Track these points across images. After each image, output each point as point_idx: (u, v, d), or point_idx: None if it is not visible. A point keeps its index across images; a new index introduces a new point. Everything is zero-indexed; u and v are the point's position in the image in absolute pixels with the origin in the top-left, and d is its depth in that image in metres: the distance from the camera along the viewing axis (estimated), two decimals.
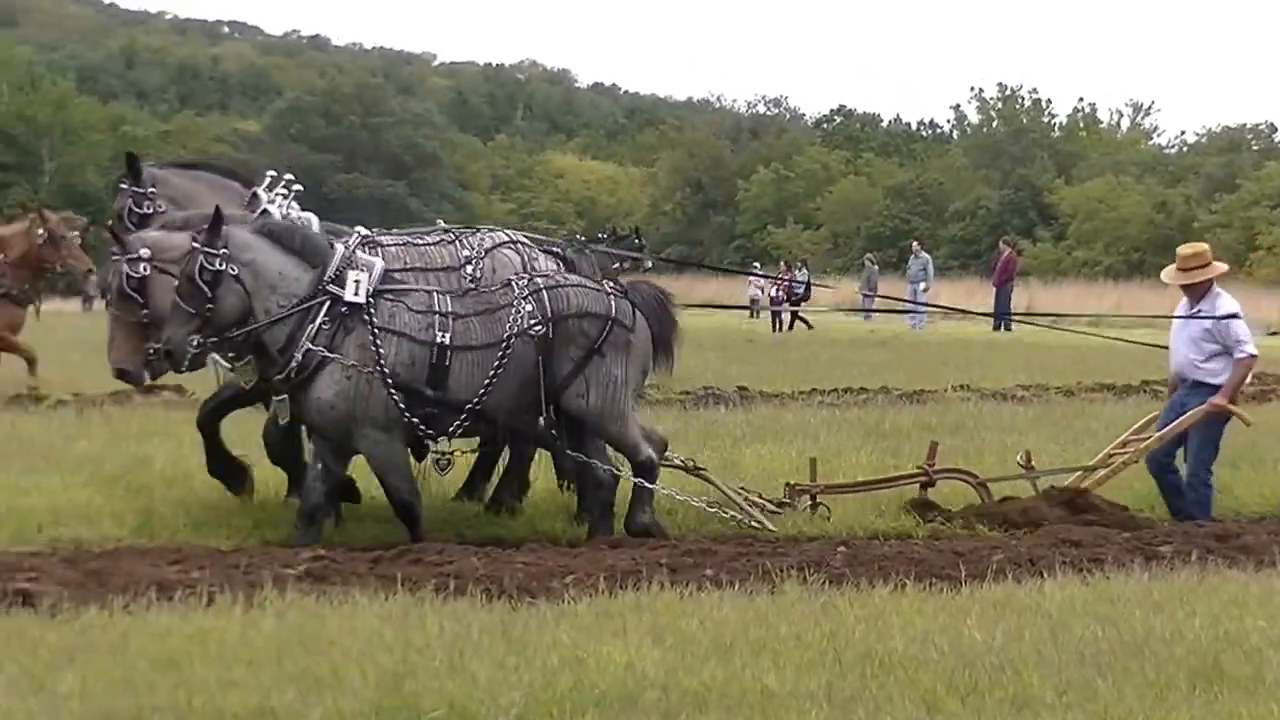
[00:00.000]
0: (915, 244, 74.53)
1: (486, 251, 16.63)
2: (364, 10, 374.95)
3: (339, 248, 15.68)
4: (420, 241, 16.84)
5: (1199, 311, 17.72)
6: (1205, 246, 18.51)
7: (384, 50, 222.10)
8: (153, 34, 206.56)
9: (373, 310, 15.32)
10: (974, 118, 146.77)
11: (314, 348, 15.18)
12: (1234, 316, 17.48)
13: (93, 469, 18.70)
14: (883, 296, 61.19)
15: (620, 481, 16.28)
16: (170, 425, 22.08)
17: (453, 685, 9.99)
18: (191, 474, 16.95)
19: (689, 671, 10.38)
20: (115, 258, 15.79)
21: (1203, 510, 17.66)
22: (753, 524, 16.54)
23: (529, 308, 15.62)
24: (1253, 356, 17.47)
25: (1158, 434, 17.78)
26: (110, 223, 16.80)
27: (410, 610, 12.04)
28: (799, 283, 72.62)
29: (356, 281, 15.30)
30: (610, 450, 16.42)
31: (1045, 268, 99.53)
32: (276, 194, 16.98)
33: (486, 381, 15.48)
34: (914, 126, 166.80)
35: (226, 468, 17.06)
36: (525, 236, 17.69)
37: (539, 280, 15.99)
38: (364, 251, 15.94)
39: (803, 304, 69.20)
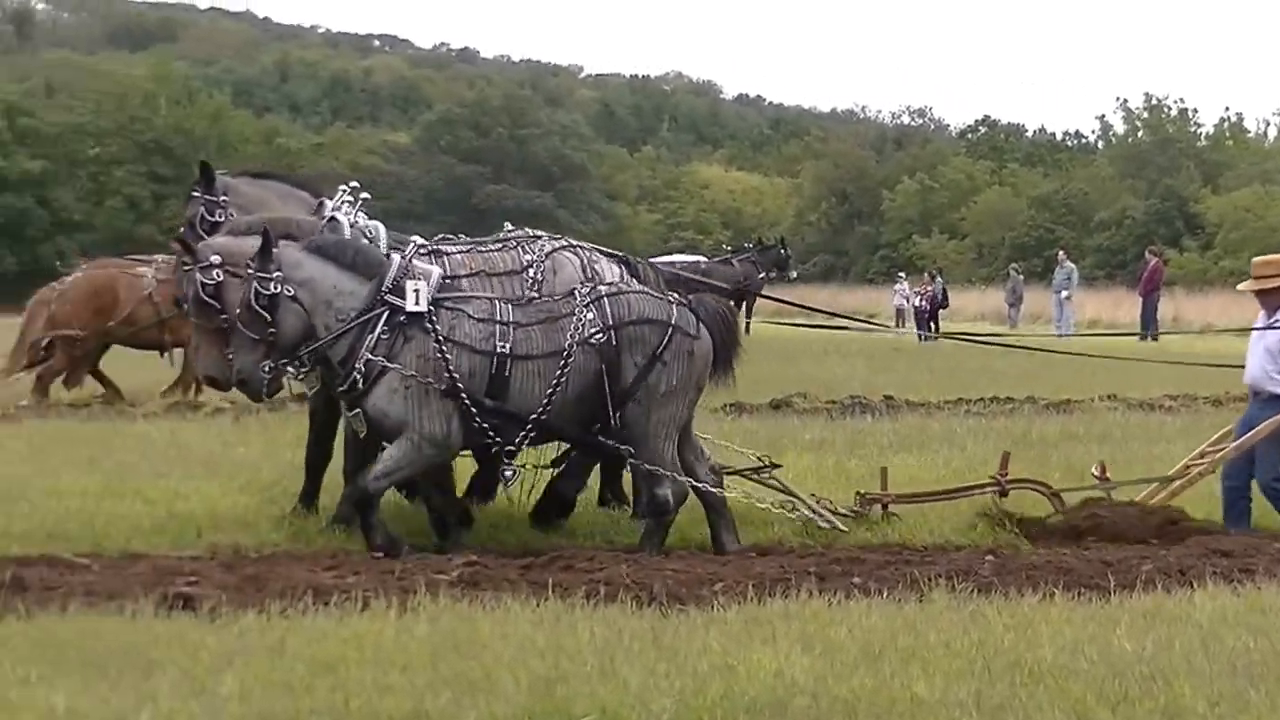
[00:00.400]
0: (1061, 253, 74.01)
1: (546, 256, 16.59)
2: (512, 23, 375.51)
3: (395, 258, 15.70)
4: (483, 248, 16.81)
5: (1276, 322, 17.58)
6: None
7: (532, 62, 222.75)
8: (306, 48, 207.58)
9: (434, 319, 15.30)
10: (1119, 128, 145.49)
11: (374, 358, 15.18)
12: None
13: (250, 475, 18.86)
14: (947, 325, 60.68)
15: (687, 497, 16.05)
16: None
17: (604, 691, 10.02)
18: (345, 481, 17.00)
19: (838, 679, 10.37)
20: (187, 267, 15.85)
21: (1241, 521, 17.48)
22: (823, 524, 16.48)
23: (590, 315, 15.55)
24: None
25: (1233, 445, 17.62)
26: (181, 230, 16.81)
27: (562, 616, 12.07)
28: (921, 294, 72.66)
29: (415, 291, 15.28)
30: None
31: (1191, 277, 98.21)
32: (343, 202, 16.95)
33: (550, 391, 15.41)
34: (1059, 137, 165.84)
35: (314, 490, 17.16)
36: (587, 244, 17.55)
37: (601, 288, 15.92)
38: (423, 261, 16.02)
39: (940, 312, 69.05)
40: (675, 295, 16.27)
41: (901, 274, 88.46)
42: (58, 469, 19.34)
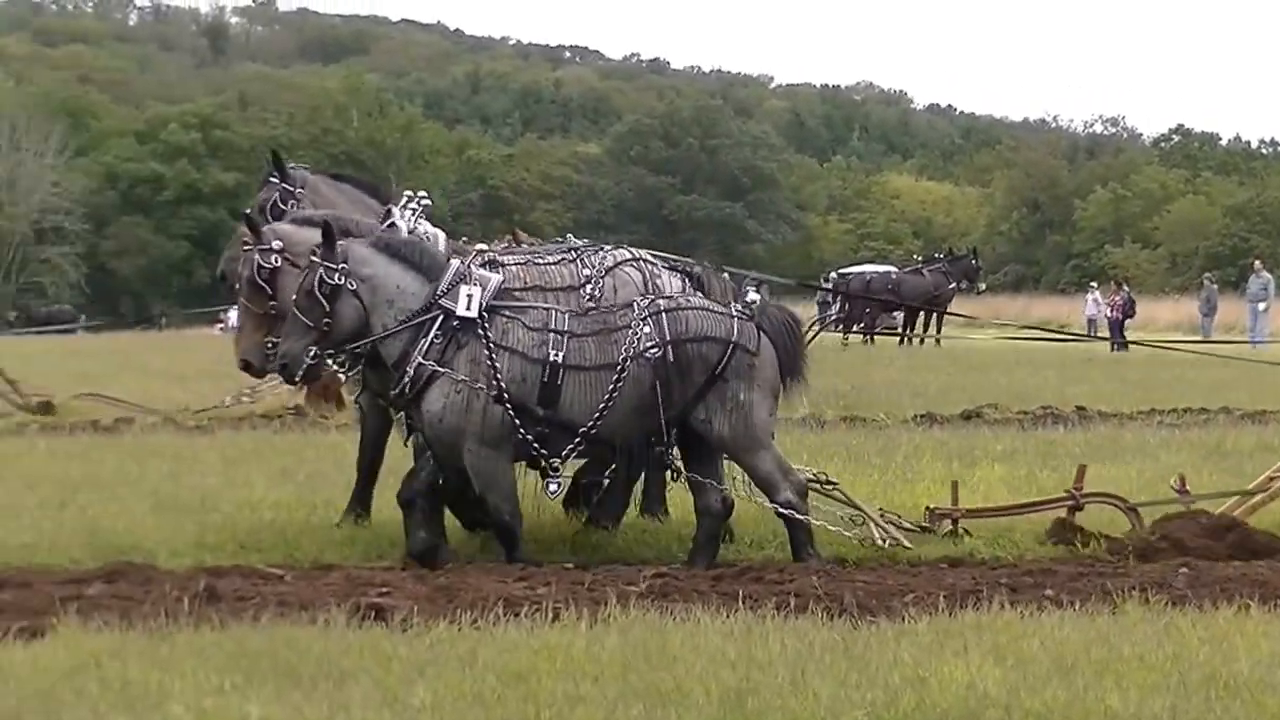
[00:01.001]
0: (1256, 262, 73.45)
1: (607, 270, 16.54)
2: (702, 33, 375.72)
3: (454, 263, 15.67)
4: (541, 260, 16.81)
5: None
6: None
7: (722, 73, 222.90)
8: (497, 59, 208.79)
9: (486, 325, 15.30)
10: None
11: (424, 362, 15.16)
12: None
13: None
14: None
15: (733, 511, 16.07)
16: None
17: (795, 703, 9.99)
18: (537, 494, 16.97)
19: (1031, 692, 10.30)
20: (248, 247, 15.95)
21: None
22: (888, 543, 16.27)
23: (647, 329, 15.42)
24: None
25: None
26: (249, 211, 16.90)
27: (752, 627, 12.05)
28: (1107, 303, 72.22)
29: (469, 296, 15.21)
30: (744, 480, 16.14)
31: None
32: (407, 209, 16.92)
33: (602, 404, 15.37)
34: (1254, 144, 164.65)
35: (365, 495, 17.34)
36: (651, 254, 17.50)
37: (660, 302, 15.76)
38: (482, 268, 15.97)
39: (1126, 322, 68.48)
40: (739, 308, 16.11)
41: (1094, 284, 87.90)
42: (251, 480, 19.50)
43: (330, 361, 15.68)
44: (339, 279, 15.10)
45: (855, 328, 62.48)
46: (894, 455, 21.25)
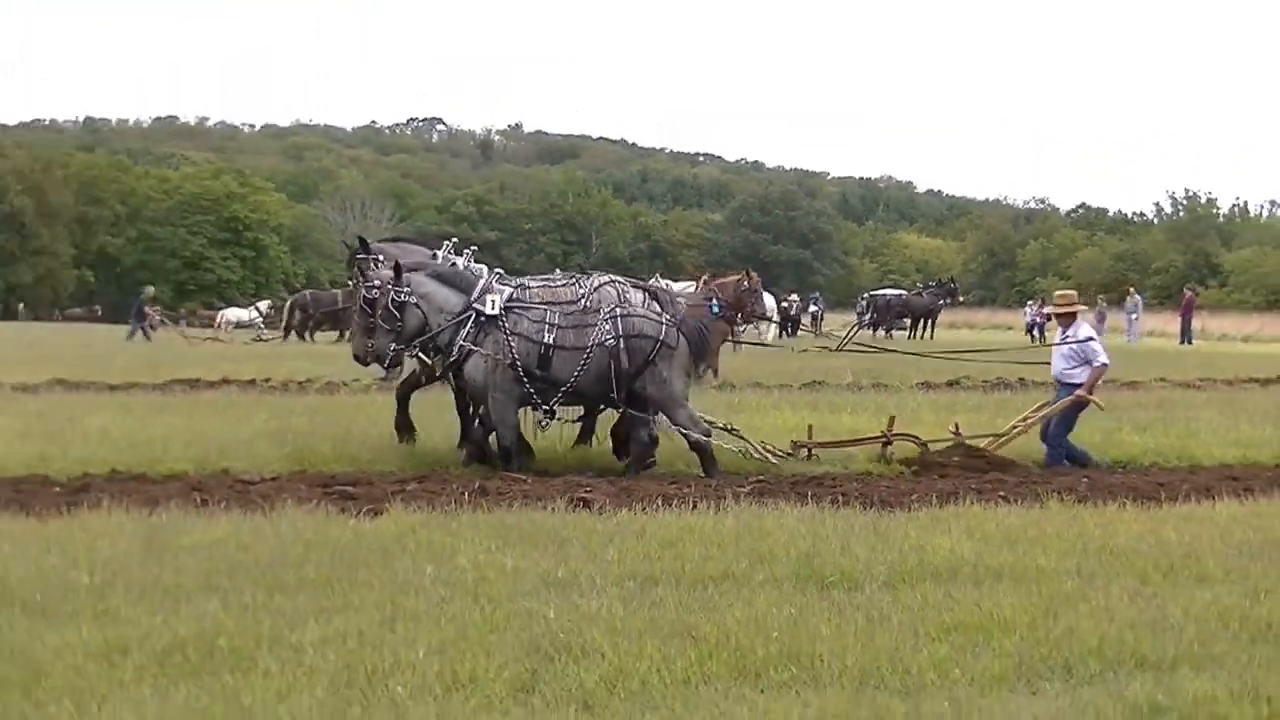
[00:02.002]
0: (1131, 289, 72.26)
1: (595, 289, 16.63)
2: (785, 143, 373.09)
3: (480, 281, 16.00)
4: (555, 284, 16.95)
5: (1068, 338, 17.69)
6: None
7: (797, 169, 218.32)
8: (657, 161, 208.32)
9: (503, 320, 15.59)
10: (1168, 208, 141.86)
11: (464, 344, 15.54)
12: None
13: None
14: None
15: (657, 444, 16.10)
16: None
17: (843, 561, 9.98)
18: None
19: (990, 556, 10.36)
20: (364, 284, 15.98)
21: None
22: (756, 456, 16.20)
23: (608, 327, 15.69)
24: None
25: (1041, 415, 17.55)
26: (354, 272, 16.96)
27: (815, 514, 11.99)
28: None
29: (492, 301, 15.64)
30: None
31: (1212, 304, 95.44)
32: (449, 254, 17.24)
33: (577, 371, 15.56)
34: (1129, 214, 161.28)
35: (404, 424, 17.23)
36: (622, 278, 17.50)
37: (618, 310, 15.97)
38: (500, 285, 16.13)
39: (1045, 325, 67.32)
40: (667, 317, 16.20)
41: (1030, 301, 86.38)
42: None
43: (408, 352, 16.08)
44: (405, 297, 15.59)
45: (880, 329, 62.43)
46: (892, 406, 20.96)
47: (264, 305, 73.69)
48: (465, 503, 12.39)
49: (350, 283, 17.14)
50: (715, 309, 29.04)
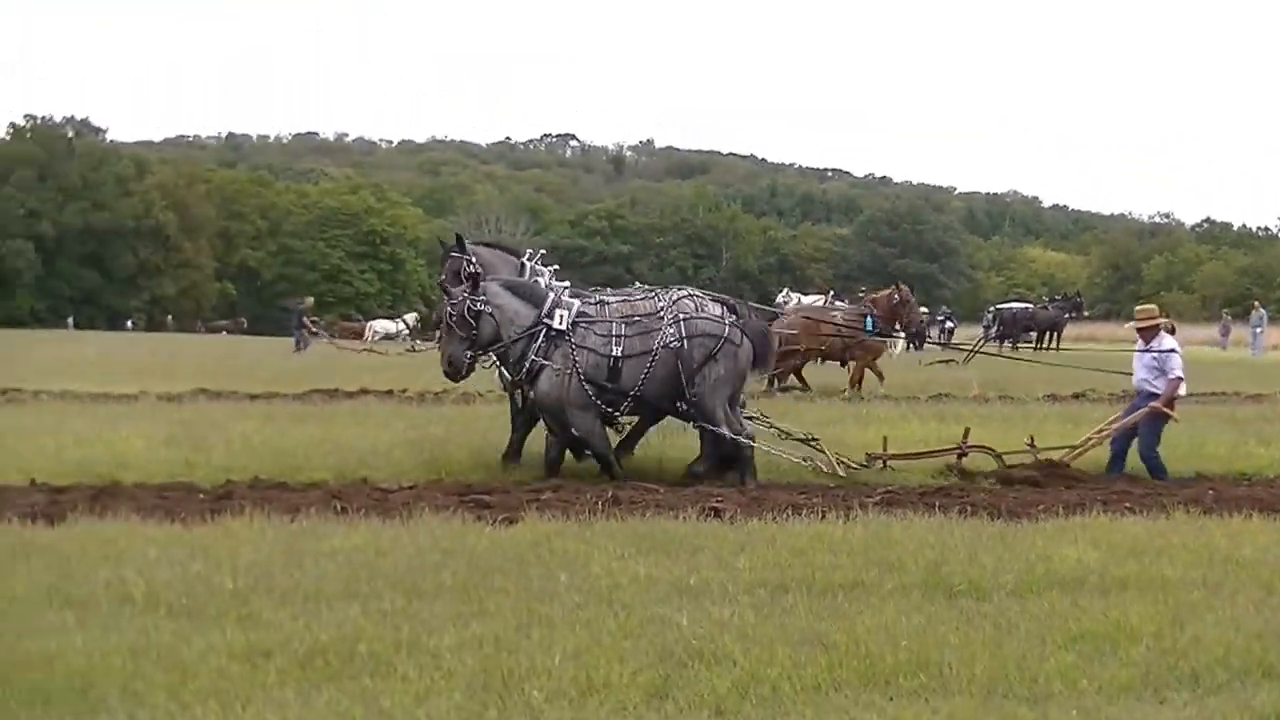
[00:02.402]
0: (1255, 303, 70.94)
1: (673, 301, 16.20)
2: (912, 158, 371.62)
3: (551, 295, 15.92)
4: (633, 298, 16.54)
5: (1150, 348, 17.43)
6: None
7: (924, 184, 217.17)
8: (787, 176, 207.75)
9: (571, 335, 15.54)
10: None
11: (535, 358, 15.50)
12: None
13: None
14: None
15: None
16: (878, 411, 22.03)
17: (971, 571, 9.94)
18: (843, 441, 16.93)
19: (1115, 565, 10.27)
20: (446, 299, 16.05)
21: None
22: (824, 469, 15.97)
23: (672, 330, 15.64)
24: None
25: (1116, 427, 17.33)
26: (443, 276, 16.92)
27: (943, 524, 11.93)
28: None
29: (561, 316, 15.60)
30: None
31: None
32: (536, 264, 17.15)
33: (642, 376, 15.54)
34: (1254, 228, 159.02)
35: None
36: (701, 291, 16.98)
37: (680, 314, 15.85)
38: (569, 298, 16.02)
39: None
40: (735, 319, 16.06)
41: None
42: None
43: (481, 359, 16.05)
44: (480, 306, 15.61)
45: (1006, 342, 61.93)
46: (1019, 418, 20.76)
47: (410, 318, 74.11)
48: (599, 511, 12.42)
49: (440, 283, 17.09)
50: (871, 325, 29.12)
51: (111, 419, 20.28)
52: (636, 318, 15.88)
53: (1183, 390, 17.47)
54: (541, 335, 15.57)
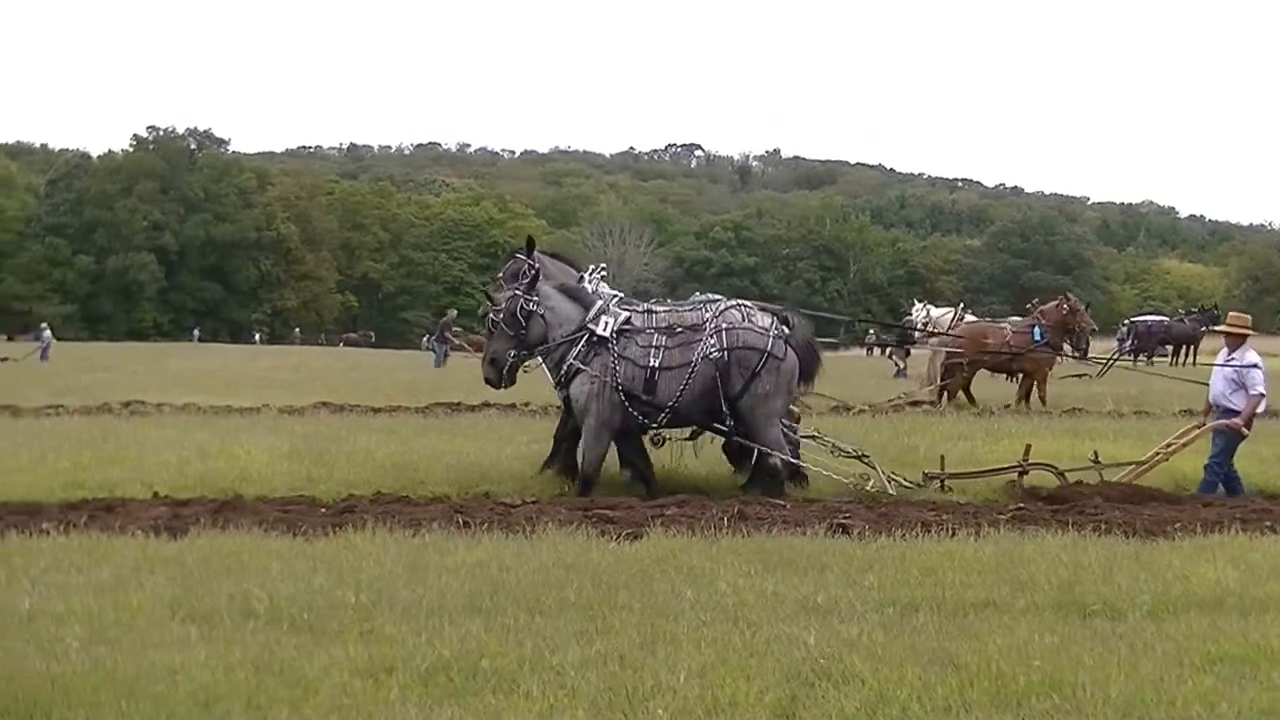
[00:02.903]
0: None
1: (720, 312, 16.02)
2: (1044, 167, 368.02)
3: (599, 302, 15.94)
4: (681, 309, 16.45)
5: (1231, 360, 16.89)
6: None
7: (1057, 194, 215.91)
8: (916, 186, 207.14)
9: (613, 343, 15.49)
10: None
11: (573, 362, 15.52)
12: None
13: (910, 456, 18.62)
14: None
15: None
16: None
17: (1106, 590, 9.82)
18: (973, 456, 16.79)
19: (1256, 586, 10.10)
20: (491, 302, 16.29)
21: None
22: (871, 488, 15.67)
23: (713, 341, 15.49)
24: None
25: (1182, 441, 16.93)
26: (500, 278, 17.12)
27: (1077, 542, 11.81)
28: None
29: (606, 323, 15.60)
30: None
31: None
32: (595, 276, 17.28)
33: (680, 389, 15.43)
34: None
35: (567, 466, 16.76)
36: (749, 302, 16.91)
37: (723, 324, 15.70)
38: (618, 308, 16.02)
39: None
40: (780, 330, 15.85)
41: None
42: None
43: (526, 360, 16.24)
44: (532, 306, 15.76)
45: (1141, 355, 61.15)
46: (1154, 433, 20.45)
47: None
48: (724, 527, 12.39)
49: (499, 281, 17.18)
50: (1039, 335, 28.94)
51: (234, 432, 20.59)
52: (679, 329, 15.82)
53: (1262, 407, 16.99)
54: (584, 340, 15.65)
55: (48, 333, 70.65)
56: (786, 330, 15.95)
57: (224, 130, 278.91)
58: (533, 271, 16.55)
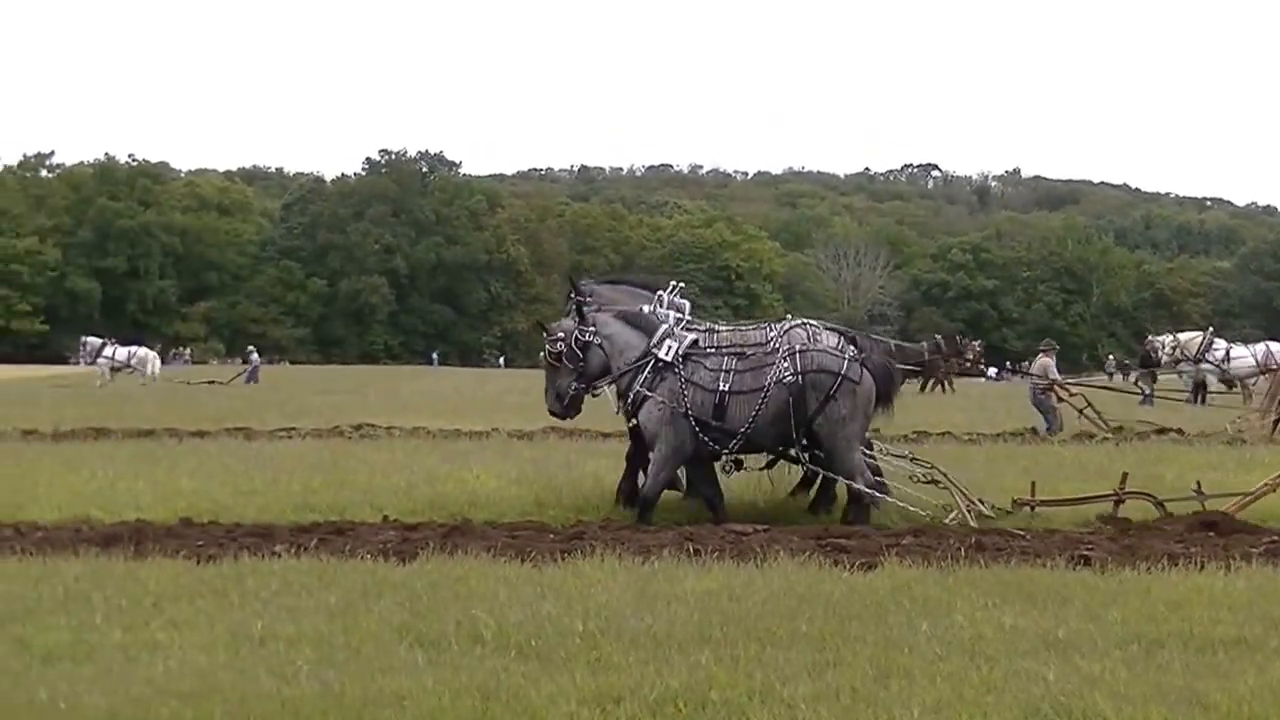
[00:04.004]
0: None
1: (784, 332, 15.82)
2: None
3: (663, 326, 15.90)
4: (744, 329, 16.45)
5: None
6: None
7: None
8: (1162, 206, 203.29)
9: (679, 367, 15.39)
10: None
11: (640, 389, 15.47)
12: None
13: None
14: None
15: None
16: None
17: None
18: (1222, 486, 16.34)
19: None
20: (547, 338, 16.45)
21: None
22: (957, 520, 15.14)
23: (787, 364, 15.29)
24: None
25: None
26: (565, 318, 16.97)
27: None
28: None
29: (670, 347, 15.53)
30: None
31: None
32: (670, 295, 17.02)
33: (753, 414, 15.26)
34: None
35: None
36: (816, 321, 16.65)
37: (798, 346, 15.49)
38: (683, 329, 16.07)
39: None
40: (855, 352, 15.70)
41: None
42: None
43: (590, 392, 16.36)
44: (589, 338, 15.87)
45: None
46: None
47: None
48: (961, 558, 12.24)
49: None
50: None
51: (463, 456, 20.94)
52: (748, 351, 15.77)
53: None
54: (649, 366, 15.64)
55: (255, 356, 72.91)
56: (856, 351, 15.88)
57: (455, 153, 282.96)
58: (578, 301, 16.73)
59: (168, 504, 15.92)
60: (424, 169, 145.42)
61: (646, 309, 16.55)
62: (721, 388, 15.45)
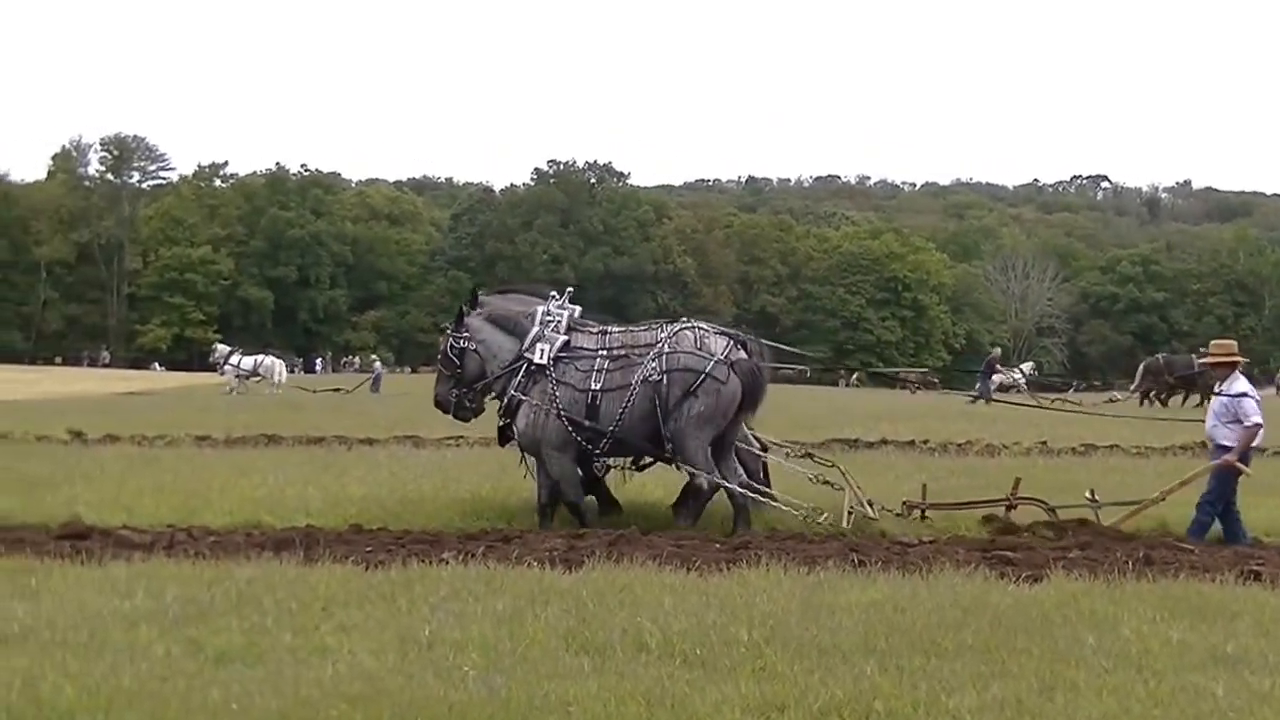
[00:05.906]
0: None
1: (674, 334, 15.73)
2: None
3: (535, 328, 15.85)
4: (635, 329, 16.28)
5: (1221, 393, 15.67)
6: None
7: None
8: None
9: (551, 370, 15.49)
10: None
11: (514, 393, 15.60)
12: None
13: None
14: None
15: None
16: None
17: None
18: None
19: None
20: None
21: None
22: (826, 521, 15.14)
23: (654, 364, 15.35)
24: None
25: (1179, 482, 15.75)
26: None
27: None
28: None
29: (543, 350, 15.60)
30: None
31: None
32: (554, 301, 16.58)
33: (620, 412, 15.35)
34: None
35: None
36: (704, 323, 16.41)
37: (665, 347, 15.52)
38: (555, 330, 15.91)
39: None
40: (719, 354, 15.52)
41: None
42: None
43: (469, 399, 16.39)
44: (464, 343, 16.15)
45: None
46: None
47: (1027, 367, 72.13)
48: (1129, 571, 12.10)
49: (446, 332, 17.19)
50: None
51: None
52: (623, 351, 15.77)
53: (1260, 439, 15.47)
54: (523, 370, 15.72)
55: (379, 364, 73.72)
56: (742, 354, 15.82)
57: (623, 163, 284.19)
58: (459, 308, 16.74)
59: (337, 510, 16.31)
60: (592, 179, 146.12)
61: (541, 309, 16.42)
62: (593, 387, 15.60)
